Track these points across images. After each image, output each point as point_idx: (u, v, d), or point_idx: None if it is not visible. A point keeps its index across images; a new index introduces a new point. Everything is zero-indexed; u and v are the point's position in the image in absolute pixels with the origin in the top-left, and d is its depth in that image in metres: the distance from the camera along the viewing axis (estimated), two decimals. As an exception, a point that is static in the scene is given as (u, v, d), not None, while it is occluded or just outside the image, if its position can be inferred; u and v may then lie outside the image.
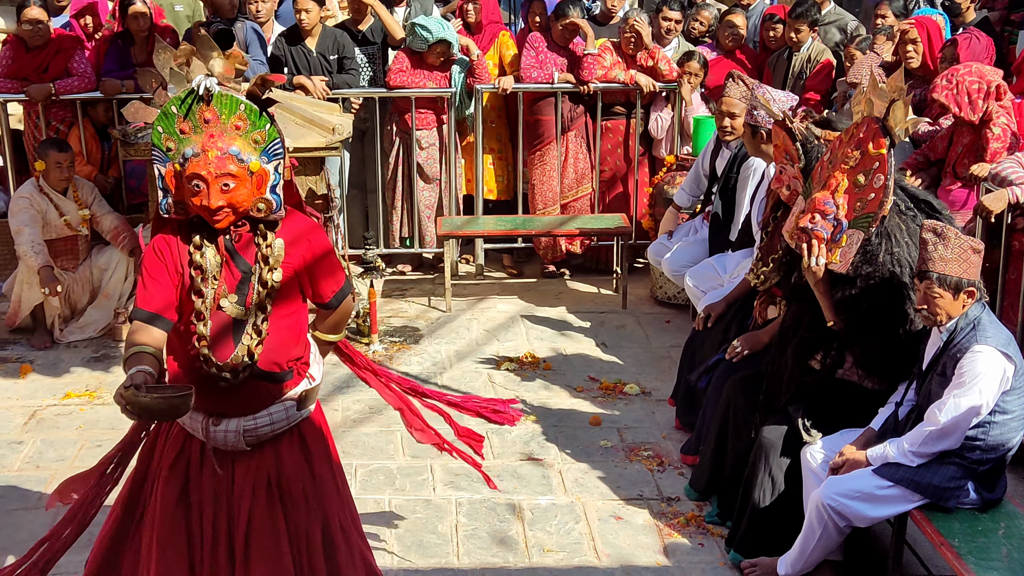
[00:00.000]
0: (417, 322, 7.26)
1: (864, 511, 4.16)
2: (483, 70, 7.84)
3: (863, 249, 4.37)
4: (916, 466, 4.11)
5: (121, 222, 7.07)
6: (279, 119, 6.70)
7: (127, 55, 7.71)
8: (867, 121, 4.35)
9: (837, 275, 4.42)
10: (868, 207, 4.33)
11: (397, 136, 7.96)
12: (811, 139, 4.84)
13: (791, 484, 4.53)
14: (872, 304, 4.39)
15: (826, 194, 4.41)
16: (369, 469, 5.34)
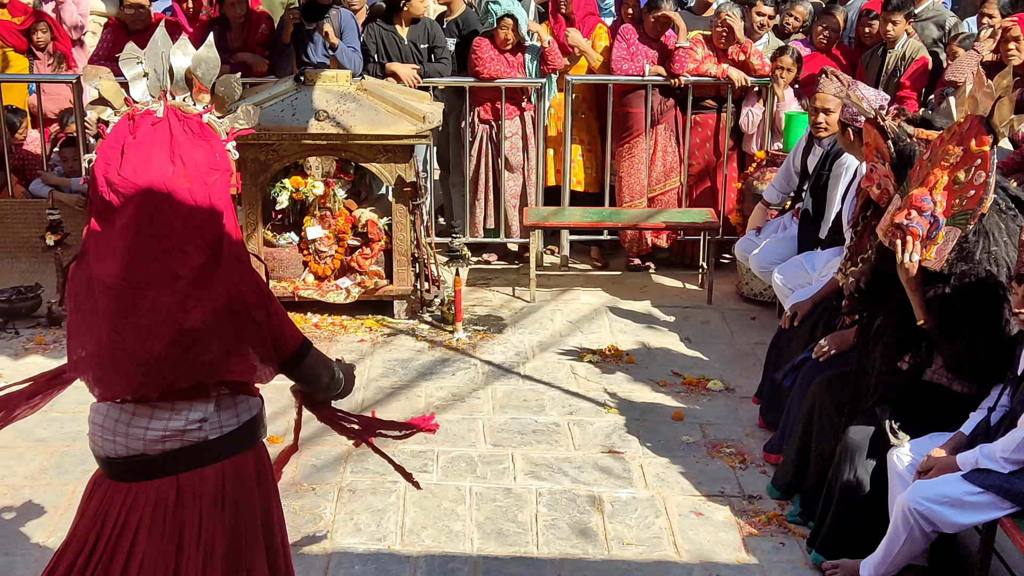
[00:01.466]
0: (501, 311, 7.29)
1: (952, 517, 4.08)
2: (555, 56, 7.79)
3: (959, 247, 4.29)
4: (1008, 473, 4.02)
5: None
6: (371, 106, 6.80)
7: (224, 40, 7.83)
8: (971, 119, 4.27)
9: (930, 272, 4.35)
10: (967, 204, 4.25)
11: (479, 126, 7.98)
12: (903, 137, 4.76)
13: (876, 486, 4.47)
14: (965, 303, 4.31)
15: (924, 191, 4.34)
16: (451, 456, 5.38)
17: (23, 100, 8.95)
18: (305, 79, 6.97)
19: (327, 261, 7.06)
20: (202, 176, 2.87)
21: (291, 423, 5.60)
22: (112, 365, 2.85)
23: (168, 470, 2.97)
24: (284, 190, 7.02)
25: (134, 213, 2.81)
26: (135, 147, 2.87)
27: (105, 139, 2.93)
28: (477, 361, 6.50)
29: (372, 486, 5.07)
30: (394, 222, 7.02)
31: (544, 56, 7.79)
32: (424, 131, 6.81)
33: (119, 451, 2.97)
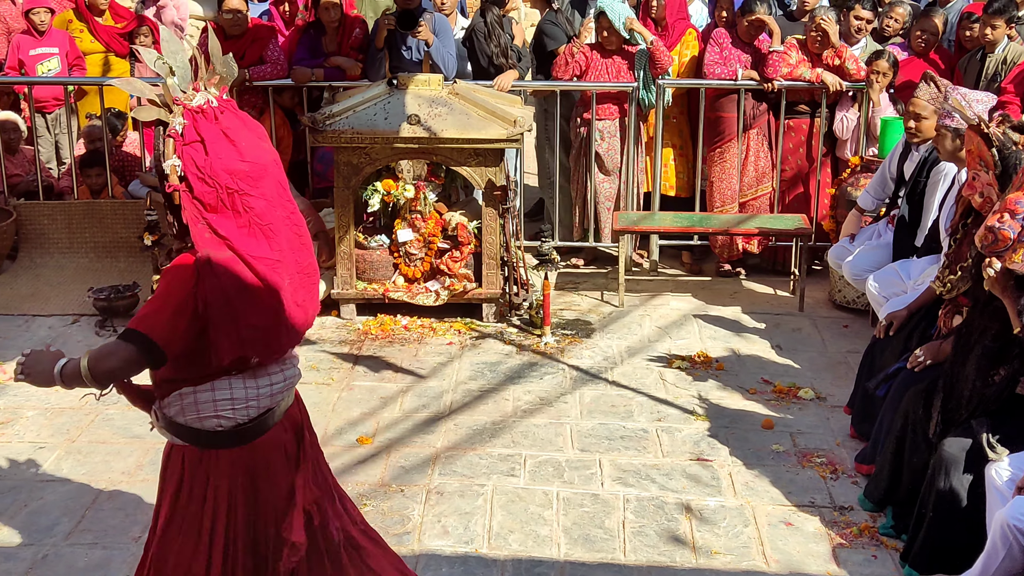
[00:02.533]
0: (589, 316, 7.28)
1: (1053, 535, 3.98)
2: (661, 54, 7.74)
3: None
4: (1111, 490, 3.92)
5: (307, 207, 7.19)
6: (463, 110, 6.84)
7: (318, 44, 7.93)
8: (1073, 124, 4.17)
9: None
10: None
11: (582, 127, 7.98)
12: (1008, 145, 4.65)
13: (972, 500, 4.38)
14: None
15: (1019, 195, 4.25)
16: (538, 460, 5.38)
17: (124, 103, 9.16)
18: (398, 83, 7.03)
19: (417, 264, 7.11)
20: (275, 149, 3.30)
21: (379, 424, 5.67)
22: (284, 331, 3.30)
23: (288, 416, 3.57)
24: (376, 193, 7.09)
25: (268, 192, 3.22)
26: (237, 134, 3.21)
27: (191, 138, 3.16)
28: (565, 366, 6.49)
29: (460, 489, 5.10)
30: (484, 225, 7.04)
31: (652, 57, 7.72)
32: (515, 135, 6.83)
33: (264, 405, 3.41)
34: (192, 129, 3.17)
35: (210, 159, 3.14)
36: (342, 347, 6.73)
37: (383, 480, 5.18)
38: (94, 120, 8.74)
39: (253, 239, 3.20)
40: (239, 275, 3.18)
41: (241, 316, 3.19)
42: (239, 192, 3.17)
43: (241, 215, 3.18)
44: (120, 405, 5.74)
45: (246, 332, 3.20)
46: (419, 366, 6.46)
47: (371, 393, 6.10)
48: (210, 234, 3.17)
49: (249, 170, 3.18)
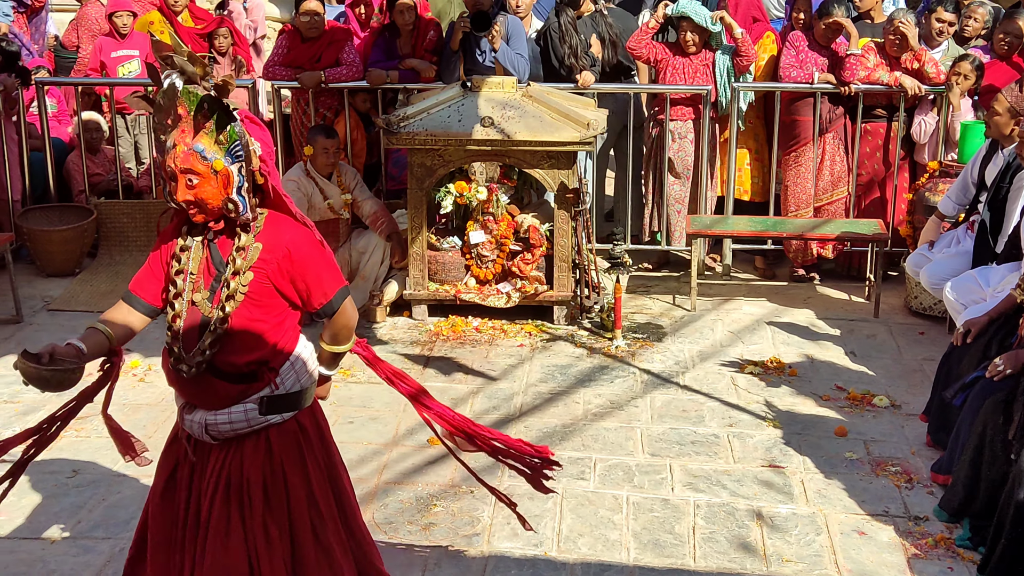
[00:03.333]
0: (661, 320, 7.24)
1: None
2: (748, 47, 7.66)
3: None
4: None
5: (380, 208, 7.33)
6: (536, 113, 6.84)
7: (393, 47, 7.98)
8: None
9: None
10: None
11: (654, 128, 7.95)
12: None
13: (1052, 514, 4.29)
14: None
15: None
16: (608, 464, 5.37)
17: (201, 104, 9.28)
18: (471, 85, 7.06)
19: (489, 266, 7.13)
20: None
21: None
22: None
23: None
24: (448, 195, 7.12)
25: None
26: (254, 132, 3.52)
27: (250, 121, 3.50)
28: (636, 369, 6.47)
29: (529, 491, 5.07)
30: (556, 228, 7.04)
31: (738, 50, 7.65)
32: (587, 138, 6.82)
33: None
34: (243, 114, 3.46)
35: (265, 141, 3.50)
36: (413, 348, 6.77)
37: (453, 481, 5.20)
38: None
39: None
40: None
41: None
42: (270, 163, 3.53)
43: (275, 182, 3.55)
44: (196, 402, 5.83)
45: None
46: (490, 368, 6.47)
47: (442, 394, 6.13)
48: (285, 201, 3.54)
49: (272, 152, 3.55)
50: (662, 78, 7.85)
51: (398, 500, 5.03)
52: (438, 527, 4.81)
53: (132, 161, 9.12)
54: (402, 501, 5.02)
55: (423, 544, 4.69)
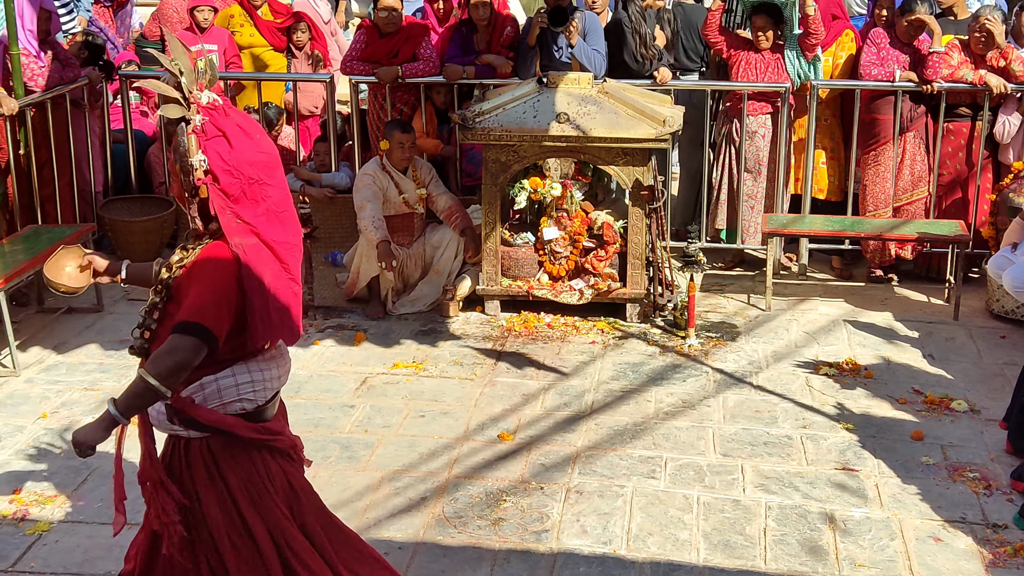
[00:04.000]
0: (735, 319, 7.18)
1: None
2: (817, 24, 7.53)
3: None
4: None
5: (455, 203, 7.36)
6: (612, 109, 6.81)
7: (470, 42, 8.00)
8: None
9: None
10: None
11: (726, 124, 7.88)
12: None
13: None
14: None
15: None
16: (679, 463, 5.33)
17: (280, 97, 9.39)
18: (547, 81, 7.05)
19: (562, 262, 7.11)
20: None
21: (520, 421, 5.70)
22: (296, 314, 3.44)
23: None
24: (523, 191, 7.12)
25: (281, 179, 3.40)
26: (251, 128, 3.39)
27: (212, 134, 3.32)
28: (709, 368, 6.42)
29: (599, 489, 5.09)
30: (630, 225, 7.01)
31: (806, 29, 7.54)
32: (663, 135, 6.78)
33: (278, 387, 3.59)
34: (212, 125, 3.32)
35: (234, 151, 3.31)
36: (486, 343, 6.78)
37: (523, 477, 5.20)
38: (251, 115, 8.99)
39: (272, 225, 3.37)
40: (267, 260, 3.36)
41: (271, 299, 3.35)
42: (259, 182, 3.33)
43: (259, 203, 3.34)
44: (270, 393, 5.90)
45: (275, 315, 3.36)
46: (562, 364, 6.47)
47: (513, 390, 6.14)
48: (238, 222, 3.32)
49: (267, 160, 3.36)
50: (734, 73, 7.78)
51: (468, 495, 5.04)
52: (507, 523, 4.82)
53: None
54: (472, 496, 5.03)
55: (492, 539, 4.69)
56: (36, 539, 4.71)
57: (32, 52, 7.64)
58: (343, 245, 7.87)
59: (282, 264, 3.39)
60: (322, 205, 8.01)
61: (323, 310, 7.26)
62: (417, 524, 4.80)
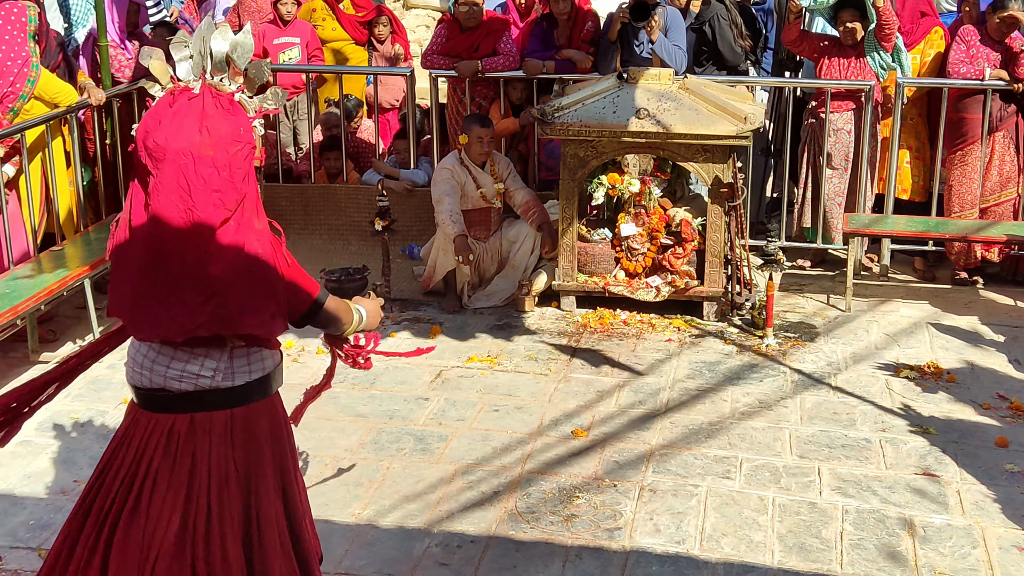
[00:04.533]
0: (814, 319, 7.08)
1: None
2: (888, 15, 7.36)
3: None
4: None
5: (532, 198, 7.35)
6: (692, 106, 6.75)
7: (550, 37, 7.98)
8: None
9: None
10: None
11: (812, 119, 7.77)
12: None
13: None
14: None
15: None
16: (754, 464, 5.27)
17: (360, 91, 9.45)
18: (628, 77, 7.01)
19: (639, 259, 7.07)
20: (225, 146, 3.21)
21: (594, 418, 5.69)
22: (144, 311, 3.22)
23: (183, 407, 3.30)
24: (601, 186, 7.08)
25: (164, 175, 3.19)
26: (171, 117, 3.24)
27: (148, 110, 3.30)
28: (786, 369, 6.34)
29: (673, 487, 5.05)
30: (708, 223, 6.95)
31: (880, 21, 7.38)
32: (744, 132, 6.71)
33: (144, 383, 3.33)
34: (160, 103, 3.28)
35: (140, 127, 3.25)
36: (561, 339, 6.76)
37: (596, 474, 5.17)
38: (332, 107, 9.06)
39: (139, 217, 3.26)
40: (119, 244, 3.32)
41: (112, 282, 3.37)
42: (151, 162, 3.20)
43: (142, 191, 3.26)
44: (347, 384, 5.95)
45: (112, 298, 3.36)
46: (637, 361, 6.43)
47: (588, 386, 6.11)
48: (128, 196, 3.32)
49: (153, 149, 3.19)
50: (820, 74, 7.66)
51: (540, 490, 5.03)
52: (580, 519, 4.80)
53: (291, 146, 9.34)
54: (544, 491, 5.02)
55: (564, 535, 4.68)
56: (115, 522, 4.78)
57: (120, 44, 7.77)
58: (420, 238, 7.90)
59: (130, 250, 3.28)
60: (400, 198, 8.04)
61: (399, 303, 7.29)
62: (489, 518, 4.80)
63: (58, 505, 4.89)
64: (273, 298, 3.28)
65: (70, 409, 5.82)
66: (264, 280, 3.25)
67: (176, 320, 3.20)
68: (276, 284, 3.29)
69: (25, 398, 3.62)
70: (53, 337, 6.75)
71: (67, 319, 7.03)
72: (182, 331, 3.21)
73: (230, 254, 3.21)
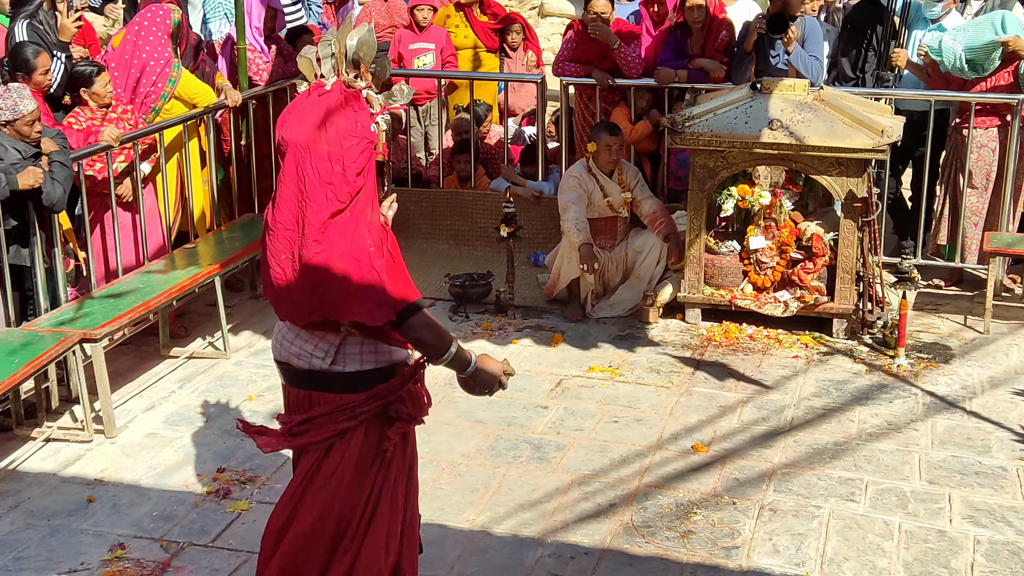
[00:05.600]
0: (949, 340, 6.84)
1: None
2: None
3: None
4: None
5: (659, 208, 7.26)
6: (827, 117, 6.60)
7: (683, 45, 7.88)
8: None
9: None
10: None
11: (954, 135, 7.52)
12: None
13: None
14: None
15: None
16: (880, 488, 5.10)
17: (492, 97, 9.49)
18: (761, 87, 6.88)
19: (767, 273, 6.93)
20: (339, 140, 3.36)
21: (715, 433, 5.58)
22: (277, 293, 3.47)
23: (302, 383, 3.57)
24: (730, 198, 6.96)
25: (287, 166, 3.41)
26: (299, 112, 3.43)
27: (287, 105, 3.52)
28: (918, 391, 6.13)
29: (794, 508, 4.91)
30: (840, 238, 6.77)
31: None
32: (881, 145, 6.52)
33: (277, 356, 3.62)
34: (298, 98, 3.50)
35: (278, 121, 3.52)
36: (684, 351, 6.66)
37: (715, 490, 5.07)
38: (462, 113, 9.10)
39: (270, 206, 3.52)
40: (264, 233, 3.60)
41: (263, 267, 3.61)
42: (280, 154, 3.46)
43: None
44: (465, 389, 5.94)
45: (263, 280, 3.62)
46: (762, 377, 6.29)
47: (710, 400, 6.00)
48: None
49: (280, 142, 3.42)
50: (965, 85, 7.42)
51: (657, 505, 4.94)
52: (696, 536, 4.70)
53: (422, 151, 9.41)
54: (661, 506, 4.93)
55: (680, 552, 4.59)
56: (236, 517, 4.86)
57: (258, 48, 7.93)
58: (546, 246, 7.88)
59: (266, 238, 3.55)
60: (527, 205, 8.03)
61: (522, 309, 7.28)
62: (604, 531, 4.74)
63: (180, 498, 5.00)
64: (377, 289, 3.37)
65: (197, 403, 5.95)
66: (369, 271, 3.36)
67: (294, 304, 3.44)
68: (380, 276, 3.38)
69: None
70: (184, 333, 6.91)
71: (198, 315, 7.19)
72: (298, 314, 3.46)
73: (338, 244, 3.36)
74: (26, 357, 5.26)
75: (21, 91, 5.78)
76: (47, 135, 5.89)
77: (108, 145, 6.29)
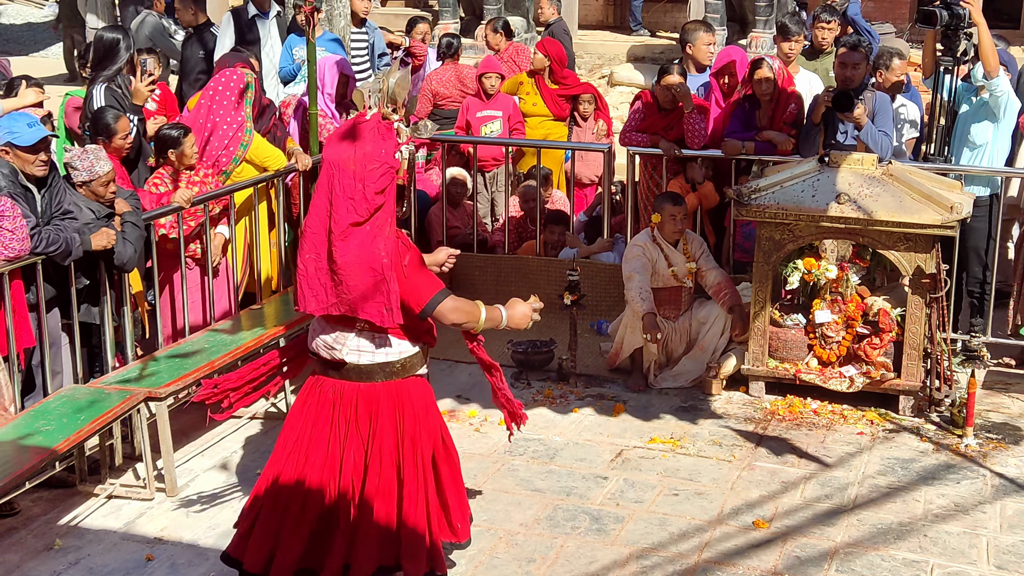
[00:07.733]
0: (1019, 421, 6.70)
1: None
2: None
3: None
4: None
5: (725, 279, 7.23)
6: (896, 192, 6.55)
7: (751, 117, 7.89)
8: None
9: None
10: None
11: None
12: None
13: None
14: None
15: None
16: (947, 571, 4.99)
17: (559, 165, 9.54)
18: (829, 160, 6.85)
19: (833, 347, 6.85)
20: (365, 163, 4.09)
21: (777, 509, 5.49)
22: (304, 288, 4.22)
23: (328, 372, 4.40)
24: (796, 271, 6.91)
25: (320, 180, 4.18)
26: (342, 134, 4.19)
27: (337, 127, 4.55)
28: (987, 472, 6.01)
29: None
30: (908, 313, 6.69)
31: None
32: (950, 222, 6.45)
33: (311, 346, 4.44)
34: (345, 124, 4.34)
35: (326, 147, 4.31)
36: (747, 424, 6.60)
37: (776, 568, 4.99)
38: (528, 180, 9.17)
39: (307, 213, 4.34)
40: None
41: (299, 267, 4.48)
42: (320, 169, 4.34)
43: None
44: (525, 456, 5.93)
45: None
46: (825, 453, 6.21)
47: (772, 475, 5.93)
48: None
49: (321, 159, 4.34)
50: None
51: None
52: (756, 615, 4.63)
53: (488, 217, 9.47)
54: (721, 583, 4.87)
55: (739, 631, 4.52)
56: None
57: (329, 114, 8.06)
58: (609, 314, 7.86)
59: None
60: (591, 273, 8.04)
61: (584, 378, 7.25)
62: (662, 606, 4.68)
63: (239, 558, 5.01)
64: (386, 294, 4.09)
65: (258, 464, 5.98)
66: (381, 277, 4.08)
67: (318, 298, 4.19)
68: (390, 283, 4.09)
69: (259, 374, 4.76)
70: (248, 392, 6.97)
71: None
72: (320, 308, 4.20)
73: (356, 251, 4.09)
74: (92, 414, 5.34)
75: (98, 152, 5.94)
76: (121, 196, 6.03)
77: (180, 207, 6.42)
